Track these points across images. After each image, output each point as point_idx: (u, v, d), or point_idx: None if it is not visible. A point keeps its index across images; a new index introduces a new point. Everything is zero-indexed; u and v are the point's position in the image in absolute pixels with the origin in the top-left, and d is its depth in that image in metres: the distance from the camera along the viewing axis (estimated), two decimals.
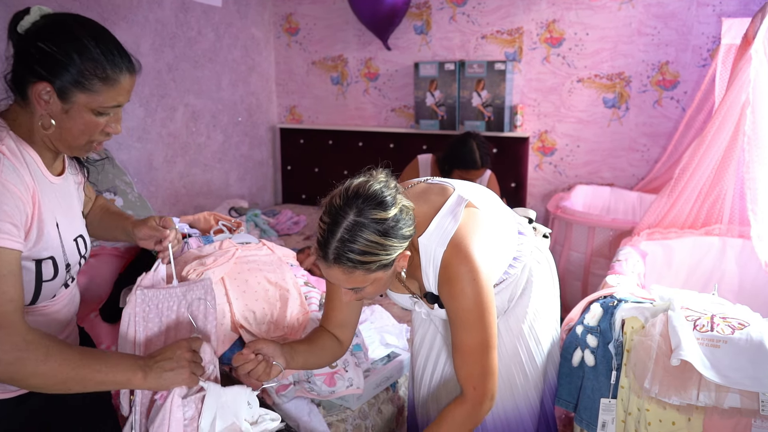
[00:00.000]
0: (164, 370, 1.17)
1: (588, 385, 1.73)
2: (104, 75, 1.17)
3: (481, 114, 3.83)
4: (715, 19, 3.35)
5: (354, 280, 1.30)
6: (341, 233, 1.25)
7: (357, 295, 1.37)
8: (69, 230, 1.28)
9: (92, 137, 1.23)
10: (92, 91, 1.17)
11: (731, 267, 2.57)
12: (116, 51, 1.21)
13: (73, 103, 1.17)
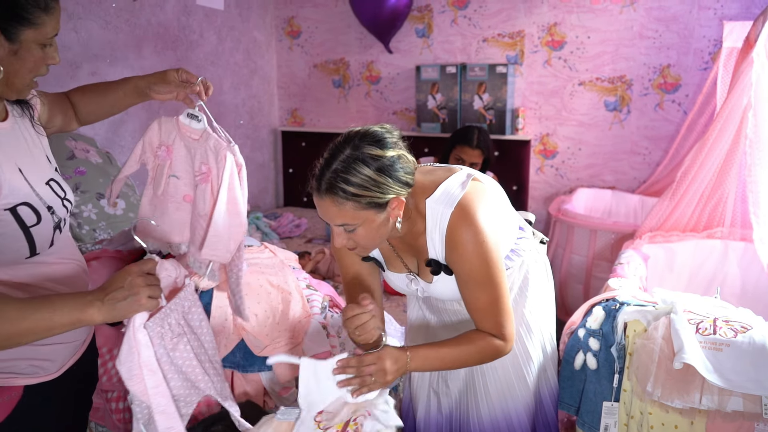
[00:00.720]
0: (117, 300, 1.10)
1: (590, 389, 1.73)
2: (44, 4, 1.16)
3: (483, 117, 3.83)
4: (716, 22, 3.35)
5: (344, 214, 1.30)
6: (336, 164, 1.30)
7: (349, 239, 1.36)
8: (36, 174, 1.24)
9: (38, 72, 1.22)
10: (37, 24, 1.15)
11: (733, 270, 2.56)
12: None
13: (21, 42, 1.15)
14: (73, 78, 3.10)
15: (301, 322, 1.87)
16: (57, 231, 1.26)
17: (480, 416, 1.63)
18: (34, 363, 1.22)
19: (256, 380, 1.78)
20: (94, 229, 2.63)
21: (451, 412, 1.69)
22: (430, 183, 1.43)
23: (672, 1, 3.44)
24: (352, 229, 1.33)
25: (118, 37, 3.32)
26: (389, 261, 1.57)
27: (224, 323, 1.76)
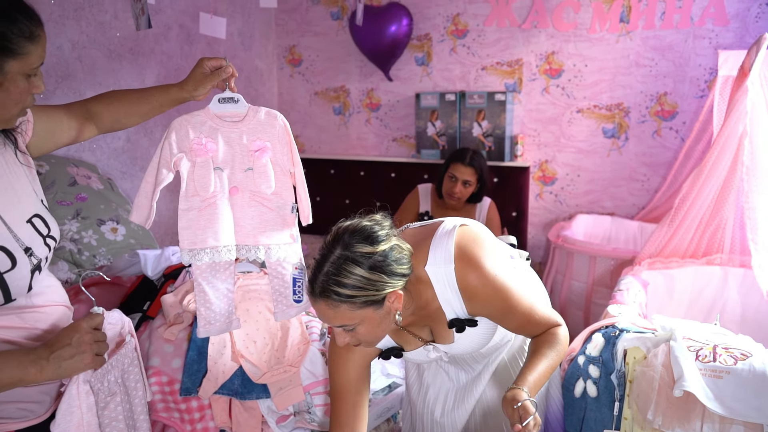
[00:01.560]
0: (63, 359, 1.05)
1: (591, 417, 1.72)
2: (29, 33, 1.10)
3: (482, 144, 3.86)
4: (711, 51, 3.40)
5: (341, 316, 1.27)
6: (327, 267, 1.27)
7: (351, 337, 1.33)
8: (16, 213, 1.18)
9: (25, 102, 1.15)
10: (23, 54, 1.10)
11: (733, 296, 2.56)
12: (23, 4, 1.12)
13: (6, 73, 1.09)
14: None
15: (300, 349, 1.86)
16: (36, 273, 1.19)
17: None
18: (22, 406, 1.17)
19: (254, 408, 1.77)
20: (94, 255, 2.64)
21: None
22: (420, 249, 1.41)
23: (667, 31, 3.50)
24: (352, 329, 1.31)
25: (122, 65, 3.36)
26: (403, 341, 1.53)
27: (222, 350, 1.75)
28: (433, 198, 3.19)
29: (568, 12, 3.69)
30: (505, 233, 3.70)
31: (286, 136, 1.50)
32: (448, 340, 1.48)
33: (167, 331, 1.80)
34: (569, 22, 3.70)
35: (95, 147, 3.26)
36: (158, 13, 3.54)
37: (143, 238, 2.88)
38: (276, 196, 1.50)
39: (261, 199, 1.47)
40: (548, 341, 1.41)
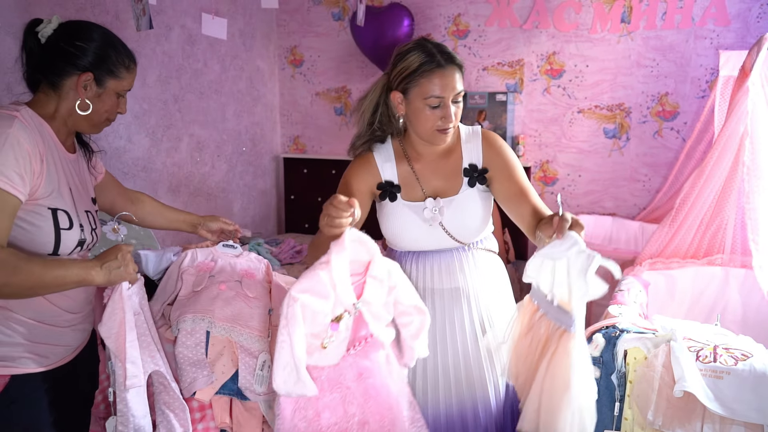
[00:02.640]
0: (111, 269, 1.38)
1: None
2: (127, 64, 1.54)
3: None
4: (712, 51, 3.40)
5: (461, 81, 1.61)
6: (438, 45, 1.61)
7: (455, 111, 1.60)
8: (81, 200, 1.53)
9: (111, 116, 1.55)
10: (119, 77, 1.52)
11: (734, 297, 2.56)
12: (125, 46, 1.57)
13: (106, 88, 1.50)
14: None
15: None
16: (79, 247, 1.49)
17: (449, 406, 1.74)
18: (49, 350, 1.45)
19: (254, 408, 1.77)
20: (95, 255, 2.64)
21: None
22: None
23: (669, 31, 3.50)
24: (459, 101, 1.60)
25: None
26: (406, 187, 1.71)
27: (222, 351, 1.76)
28: None
29: (569, 12, 3.69)
30: (506, 233, 3.70)
31: (267, 276, 1.95)
32: (451, 192, 1.70)
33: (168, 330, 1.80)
34: (570, 22, 3.70)
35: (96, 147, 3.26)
36: (159, 14, 3.55)
37: (144, 238, 2.89)
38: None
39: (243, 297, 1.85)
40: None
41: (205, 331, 1.75)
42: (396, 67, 1.64)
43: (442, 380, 1.76)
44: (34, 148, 1.36)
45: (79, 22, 1.51)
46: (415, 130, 1.68)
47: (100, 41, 1.48)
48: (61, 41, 1.45)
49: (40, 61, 1.47)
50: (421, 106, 1.60)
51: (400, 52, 1.64)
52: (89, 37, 1.47)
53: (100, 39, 1.48)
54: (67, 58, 1.45)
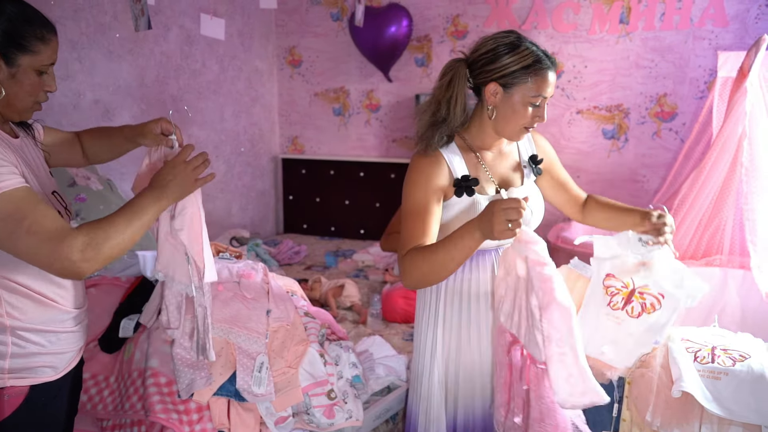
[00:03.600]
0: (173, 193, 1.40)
1: (589, 418, 1.71)
2: (41, 35, 1.33)
3: None
4: (711, 52, 3.40)
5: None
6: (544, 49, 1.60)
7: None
8: (43, 183, 1.42)
9: (37, 97, 1.37)
10: (34, 51, 1.31)
11: (733, 298, 2.55)
12: (40, 14, 1.37)
13: (18, 66, 1.30)
14: (76, 107, 3.13)
15: (298, 350, 1.86)
16: None
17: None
18: (50, 361, 1.39)
19: (252, 409, 1.77)
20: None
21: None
22: None
23: (667, 32, 3.50)
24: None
25: (121, 66, 3.37)
26: (480, 181, 1.68)
27: (220, 352, 1.75)
28: None
29: (567, 13, 3.69)
30: None
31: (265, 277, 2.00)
32: (515, 183, 1.73)
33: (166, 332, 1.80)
34: (569, 23, 3.70)
35: None
36: (158, 14, 3.54)
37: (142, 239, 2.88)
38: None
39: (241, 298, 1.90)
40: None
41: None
42: (500, 59, 1.57)
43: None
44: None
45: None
46: (498, 125, 1.63)
47: (8, 13, 1.29)
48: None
49: None
50: (522, 103, 1.57)
51: (501, 44, 1.58)
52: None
53: (8, 10, 1.30)
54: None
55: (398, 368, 2.16)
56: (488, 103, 1.61)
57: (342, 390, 1.89)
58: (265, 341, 1.80)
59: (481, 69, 1.61)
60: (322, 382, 1.83)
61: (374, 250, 3.89)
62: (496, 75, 1.58)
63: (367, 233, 4.49)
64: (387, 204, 4.31)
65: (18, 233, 1.20)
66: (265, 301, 1.90)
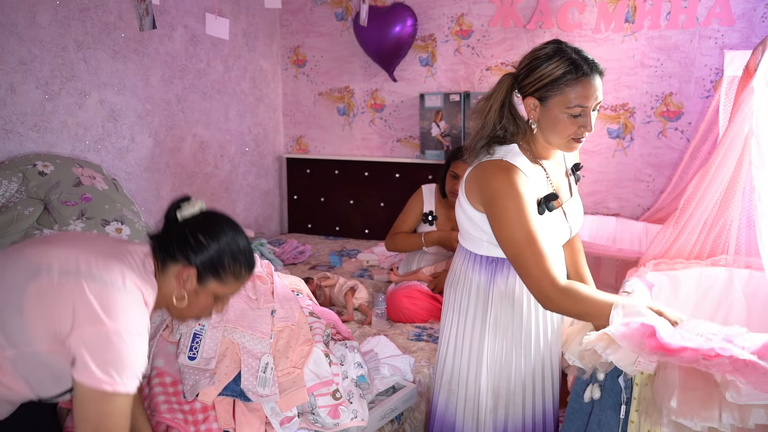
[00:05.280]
0: None
1: (595, 419, 1.71)
2: (239, 273, 1.44)
3: None
4: (717, 51, 3.39)
5: (601, 88, 1.57)
6: (582, 53, 1.56)
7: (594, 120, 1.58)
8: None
9: (203, 314, 1.48)
10: (224, 283, 1.43)
11: (739, 298, 2.54)
12: (249, 251, 1.47)
13: (205, 287, 1.42)
14: (81, 106, 3.14)
15: (303, 350, 1.86)
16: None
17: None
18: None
19: (257, 409, 1.77)
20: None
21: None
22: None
23: (673, 31, 3.49)
24: (597, 109, 1.57)
25: (126, 66, 3.37)
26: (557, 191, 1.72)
27: (225, 351, 1.75)
28: (437, 198, 3.19)
29: (572, 12, 3.68)
30: None
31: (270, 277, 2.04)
32: (567, 194, 1.74)
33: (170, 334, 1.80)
34: (574, 22, 3.69)
35: (100, 147, 3.27)
36: (162, 14, 3.55)
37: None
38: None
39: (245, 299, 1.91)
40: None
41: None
42: (534, 72, 1.57)
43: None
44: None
45: (216, 216, 1.48)
46: (547, 137, 1.62)
47: (222, 244, 1.41)
48: (189, 227, 1.42)
49: (166, 236, 1.43)
50: (561, 115, 1.54)
51: (537, 56, 1.58)
52: (215, 236, 1.42)
53: (224, 242, 1.41)
54: (183, 246, 1.40)
55: (403, 368, 2.16)
56: (530, 117, 1.61)
57: (347, 390, 1.88)
58: (269, 341, 1.80)
59: (521, 83, 1.61)
60: (327, 382, 1.83)
61: (379, 250, 3.89)
62: (532, 89, 1.57)
63: (371, 233, 4.48)
64: (391, 204, 4.30)
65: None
66: (270, 300, 1.89)
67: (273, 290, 1.94)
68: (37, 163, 2.75)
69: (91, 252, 1.33)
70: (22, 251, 1.36)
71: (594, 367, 1.66)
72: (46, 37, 2.94)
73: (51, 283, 1.26)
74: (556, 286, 1.51)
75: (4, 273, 1.32)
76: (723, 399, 1.47)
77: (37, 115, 2.93)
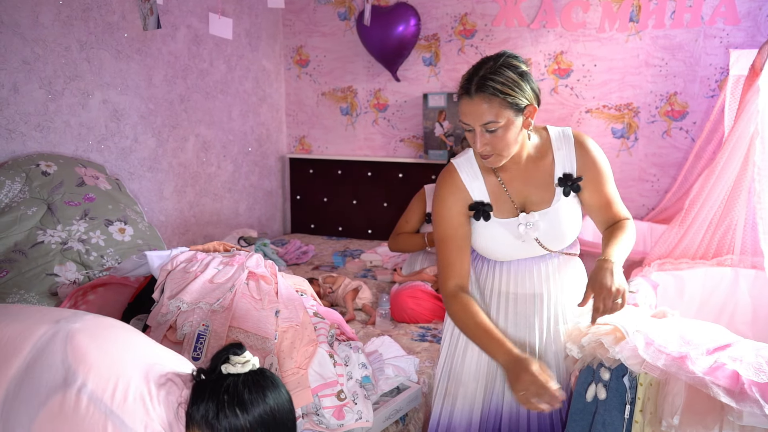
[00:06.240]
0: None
1: (599, 420, 1.70)
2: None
3: None
4: (722, 50, 3.37)
5: (492, 111, 1.46)
6: (483, 71, 1.47)
7: (489, 143, 1.50)
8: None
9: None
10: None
11: (744, 298, 2.53)
12: (286, 428, 1.29)
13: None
14: (84, 106, 3.14)
15: (308, 351, 1.86)
16: None
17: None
18: None
19: None
20: (102, 255, 2.64)
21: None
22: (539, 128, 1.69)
23: (677, 30, 3.47)
24: (494, 130, 1.48)
25: (129, 66, 3.37)
26: (497, 202, 1.65)
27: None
28: None
29: (576, 11, 3.67)
30: None
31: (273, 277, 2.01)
32: (542, 205, 1.63)
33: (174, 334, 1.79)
34: (578, 21, 3.68)
35: (103, 147, 3.27)
36: (165, 14, 3.55)
37: (151, 238, 2.88)
38: None
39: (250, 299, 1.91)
40: (622, 227, 1.62)
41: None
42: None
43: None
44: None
45: (265, 385, 1.26)
46: None
47: (256, 417, 1.23)
48: (230, 394, 1.22)
49: (202, 387, 1.25)
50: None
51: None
52: (253, 409, 1.23)
53: (258, 414, 1.23)
54: (218, 414, 1.21)
55: (408, 369, 2.15)
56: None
57: (351, 391, 1.88)
58: (274, 342, 1.79)
59: None
60: (331, 382, 1.82)
61: (382, 250, 3.88)
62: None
63: (374, 233, 4.48)
64: (394, 204, 4.29)
65: None
66: (274, 301, 1.89)
67: (277, 291, 1.93)
68: (40, 163, 2.75)
69: (131, 368, 1.21)
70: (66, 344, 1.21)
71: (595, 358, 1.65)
72: (49, 37, 2.94)
73: (76, 408, 1.14)
74: (446, 290, 1.64)
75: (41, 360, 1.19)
76: (724, 418, 1.46)
77: (40, 115, 2.93)
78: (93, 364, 1.19)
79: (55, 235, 2.58)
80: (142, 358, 1.28)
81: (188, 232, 3.90)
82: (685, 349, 1.54)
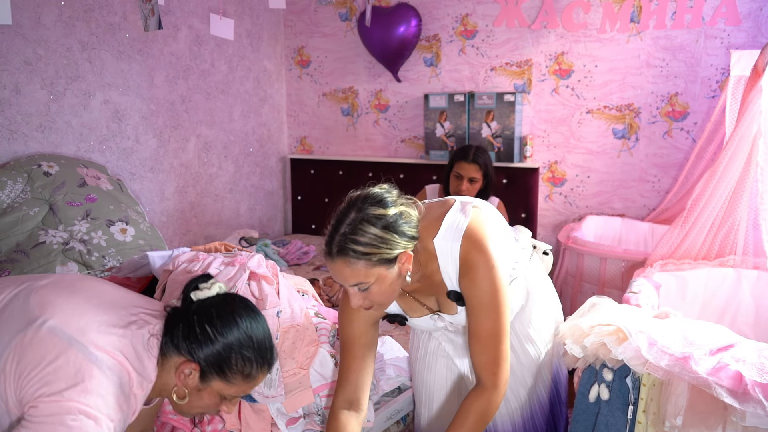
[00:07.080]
0: None
1: (602, 420, 1.70)
2: (248, 373, 1.30)
3: (491, 144, 3.85)
4: (723, 51, 3.37)
5: (357, 273, 1.34)
6: (343, 228, 1.33)
7: (365, 299, 1.39)
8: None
9: (207, 413, 1.35)
10: (230, 383, 1.29)
11: (746, 299, 2.53)
12: (268, 353, 1.33)
13: (209, 386, 1.28)
14: (86, 107, 3.14)
15: (309, 351, 1.86)
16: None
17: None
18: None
19: (263, 410, 1.76)
20: (104, 255, 2.64)
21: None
22: (431, 222, 1.47)
23: (679, 31, 3.47)
24: (366, 288, 1.37)
25: (131, 66, 3.37)
26: (409, 309, 1.61)
27: None
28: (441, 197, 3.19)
29: (577, 12, 3.67)
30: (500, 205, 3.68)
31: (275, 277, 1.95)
32: (451, 311, 1.56)
33: None
34: (579, 22, 3.68)
35: (104, 148, 3.27)
36: (167, 15, 3.55)
37: (152, 239, 2.88)
38: None
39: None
40: (467, 419, 1.47)
41: None
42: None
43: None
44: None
45: (234, 305, 1.31)
46: None
47: (232, 339, 1.26)
48: (198, 314, 1.27)
49: (176, 318, 1.28)
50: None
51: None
52: (225, 329, 1.26)
53: (234, 337, 1.26)
54: (188, 335, 1.25)
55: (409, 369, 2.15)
56: None
57: None
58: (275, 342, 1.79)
59: None
60: (333, 383, 1.82)
61: None
62: None
63: None
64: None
65: None
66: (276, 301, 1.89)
67: (278, 291, 1.93)
68: (42, 164, 2.75)
69: (95, 311, 1.23)
70: (29, 297, 1.25)
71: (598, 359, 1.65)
72: (50, 38, 2.94)
73: (37, 337, 1.17)
74: (333, 402, 1.61)
75: (3, 314, 1.23)
76: (727, 419, 1.46)
77: (42, 115, 2.93)
78: (57, 306, 1.23)
79: (56, 235, 2.58)
80: (110, 301, 1.30)
81: (189, 233, 3.90)
82: (688, 350, 1.54)
